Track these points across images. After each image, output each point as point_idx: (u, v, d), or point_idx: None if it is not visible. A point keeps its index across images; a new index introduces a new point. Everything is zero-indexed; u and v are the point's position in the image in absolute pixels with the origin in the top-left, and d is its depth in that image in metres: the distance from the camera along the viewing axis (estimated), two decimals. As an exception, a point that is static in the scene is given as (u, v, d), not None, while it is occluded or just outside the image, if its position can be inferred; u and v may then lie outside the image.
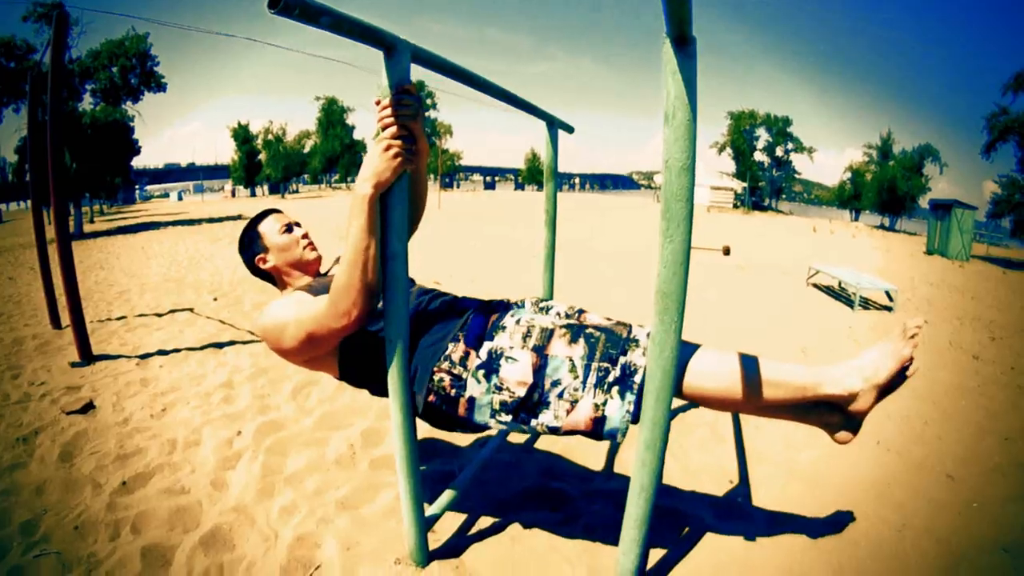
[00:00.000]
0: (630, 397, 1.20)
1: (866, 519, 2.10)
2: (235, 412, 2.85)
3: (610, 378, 1.22)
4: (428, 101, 48.00)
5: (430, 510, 1.76)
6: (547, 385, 1.25)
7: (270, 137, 40.99)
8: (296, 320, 1.35)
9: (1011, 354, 4.96)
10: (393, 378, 1.37)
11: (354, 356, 1.44)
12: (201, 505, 2.04)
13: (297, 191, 48.85)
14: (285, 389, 3.15)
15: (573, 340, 1.27)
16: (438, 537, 1.86)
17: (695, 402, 1.30)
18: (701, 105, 0.96)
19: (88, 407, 2.87)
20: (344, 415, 2.84)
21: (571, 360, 1.24)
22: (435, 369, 1.32)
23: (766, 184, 46.43)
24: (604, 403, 1.21)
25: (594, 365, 1.23)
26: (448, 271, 7.81)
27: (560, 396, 1.23)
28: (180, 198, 47.21)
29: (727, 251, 11.31)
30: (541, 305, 1.58)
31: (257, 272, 1.73)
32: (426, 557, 1.70)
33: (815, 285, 8.22)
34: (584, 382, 1.23)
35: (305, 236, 1.72)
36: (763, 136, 45.66)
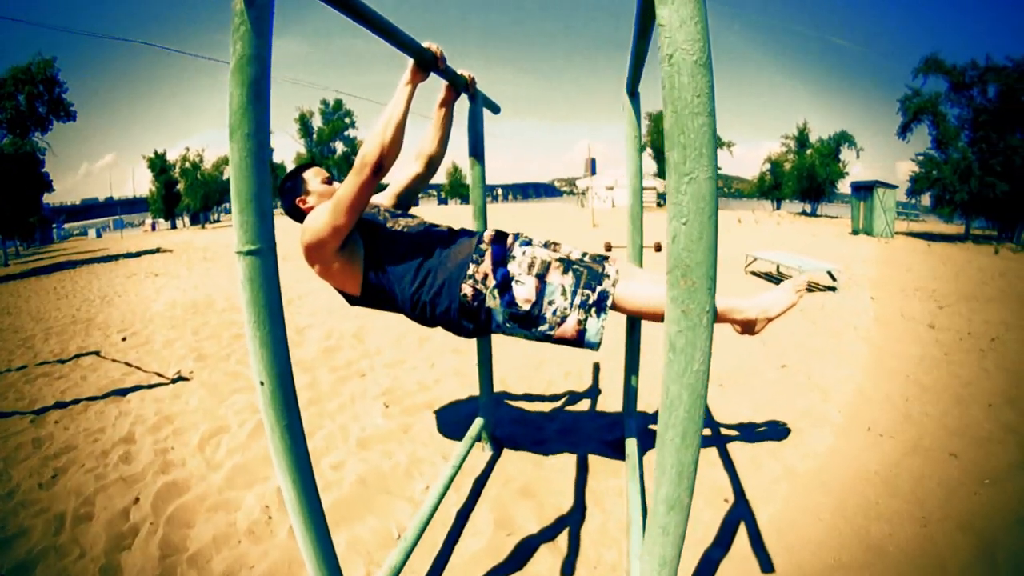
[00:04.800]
0: (604, 316, 1.57)
1: (883, 518, 1.84)
2: (134, 473, 2.37)
3: (590, 301, 1.56)
4: (346, 120, 46.75)
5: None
6: (545, 304, 1.57)
7: (187, 165, 38.65)
8: (333, 201, 1.54)
9: (962, 320, 4.97)
10: (277, 437, 0.97)
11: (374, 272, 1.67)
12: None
13: (219, 220, 46.31)
14: (192, 440, 2.67)
15: (565, 272, 1.60)
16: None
17: (624, 313, 1.62)
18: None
19: (-31, 479, 2.37)
20: (257, 466, 2.40)
21: (563, 287, 1.58)
22: (462, 284, 1.60)
23: (687, 180, 47.39)
24: (585, 319, 1.56)
25: (579, 291, 1.57)
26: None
27: (554, 313, 1.57)
28: (99, 235, 43.94)
29: (659, 247, 11.27)
30: (525, 238, 1.79)
31: (294, 212, 1.83)
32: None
33: (753, 273, 8.20)
34: (571, 304, 1.56)
35: None
36: (683, 133, 46.54)
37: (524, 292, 1.57)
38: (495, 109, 2.44)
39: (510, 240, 1.73)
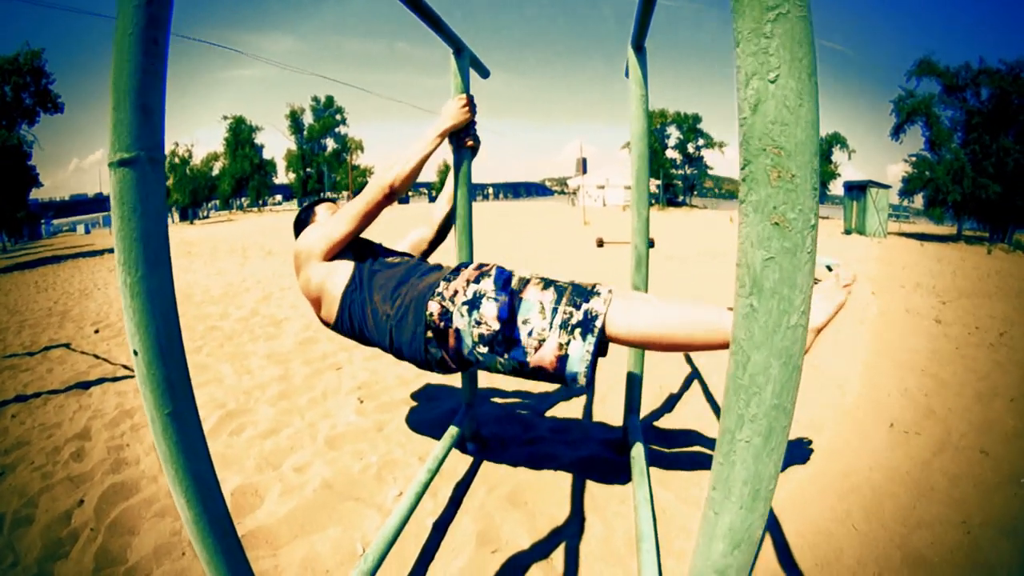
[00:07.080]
0: (591, 339, 1.27)
1: (923, 524, 1.65)
2: (83, 472, 2.14)
3: (573, 321, 1.30)
4: (337, 116, 46.46)
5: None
6: (519, 322, 1.34)
7: (175, 160, 38.31)
8: (342, 212, 1.62)
9: (967, 315, 4.82)
10: (159, 430, 0.72)
11: (352, 310, 1.59)
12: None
13: (208, 216, 45.68)
14: (149, 436, 2.43)
15: (545, 288, 1.39)
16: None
17: (618, 342, 1.34)
18: None
19: (-88, 478, 2.14)
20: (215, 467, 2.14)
21: (541, 303, 1.35)
22: (428, 301, 1.44)
23: (680, 181, 47.14)
24: (567, 343, 1.29)
25: (560, 308, 1.32)
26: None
27: (530, 334, 1.33)
28: (88, 231, 43.22)
29: (651, 243, 11.10)
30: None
31: None
32: None
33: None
34: (551, 324, 1.31)
35: None
36: (674, 134, 45.88)
37: (493, 309, 1.36)
38: (483, 72, 2.18)
39: (491, 264, 1.58)
